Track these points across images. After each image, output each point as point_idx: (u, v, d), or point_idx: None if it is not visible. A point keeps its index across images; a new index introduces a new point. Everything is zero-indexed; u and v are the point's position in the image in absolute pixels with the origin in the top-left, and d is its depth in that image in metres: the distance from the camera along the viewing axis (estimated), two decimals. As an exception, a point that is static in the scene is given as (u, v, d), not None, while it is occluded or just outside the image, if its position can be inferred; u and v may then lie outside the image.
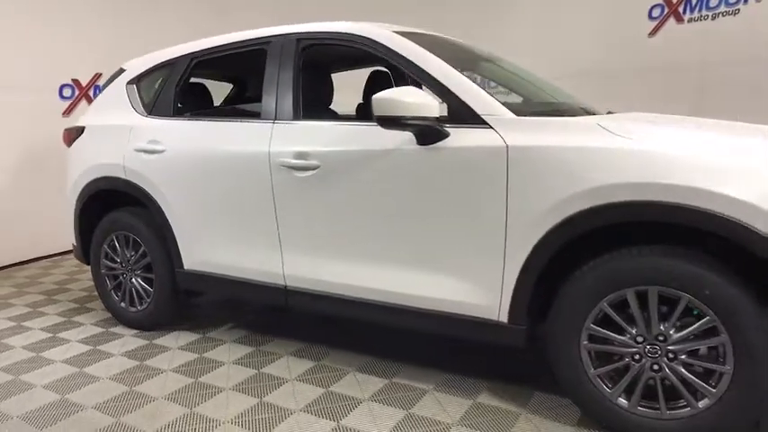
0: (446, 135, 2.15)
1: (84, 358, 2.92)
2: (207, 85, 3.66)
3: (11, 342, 3.19)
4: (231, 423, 2.22)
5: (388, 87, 2.23)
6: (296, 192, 2.53)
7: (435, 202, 2.19)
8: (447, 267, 2.22)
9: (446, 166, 2.15)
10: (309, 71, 2.71)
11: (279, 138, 2.59)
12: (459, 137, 2.13)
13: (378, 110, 2.08)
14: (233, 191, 2.74)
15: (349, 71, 3.77)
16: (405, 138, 2.22)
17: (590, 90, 5.65)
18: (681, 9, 5.57)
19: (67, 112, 5.42)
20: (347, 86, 3.52)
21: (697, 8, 5.49)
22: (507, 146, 2.02)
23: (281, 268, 2.65)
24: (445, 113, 2.15)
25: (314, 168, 2.45)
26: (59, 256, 5.40)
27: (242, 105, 3.54)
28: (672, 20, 5.64)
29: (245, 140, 2.69)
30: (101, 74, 5.49)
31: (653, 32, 5.75)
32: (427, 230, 2.23)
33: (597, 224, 1.87)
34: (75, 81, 5.52)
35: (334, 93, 3.12)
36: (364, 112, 3.14)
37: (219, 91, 4.03)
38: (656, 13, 5.73)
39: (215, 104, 3.69)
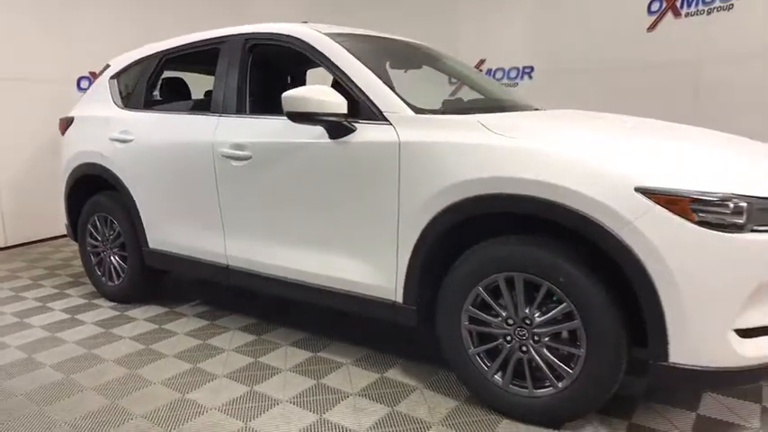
0: (353, 130, 2.34)
1: (60, 325, 3.27)
2: (196, 79, 3.95)
3: (3, 309, 3.58)
4: (161, 384, 2.50)
5: None
6: (233, 179, 2.77)
7: (343, 192, 2.39)
8: (354, 251, 2.42)
9: (351, 159, 2.34)
10: (255, 69, 2.94)
11: (222, 130, 2.84)
12: (364, 132, 2.32)
13: (286, 106, 2.30)
14: (185, 177, 3.01)
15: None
16: (320, 132, 2.42)
17: (591, 85, 5.70)
18: (678, 3, 5.50)
19: (83, 103, 5.85)
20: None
21: (694, 2, 5.41)
22: (400, 141, 2.20)
23: (223, 249, 2.91)
24: (354, 110, 2.34)
25: (247, 159, 2.69)
26: (73, 236, 5.85)
27: (200, 99, 3.78)
28: (670, 14, 5.57)
29: (195, 132, 2.95)
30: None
31: (652, 27, 5.70)
32: (337, 217, 2.44)
33: (463, 216, 2.03)
34: (93, 74, 5.92)
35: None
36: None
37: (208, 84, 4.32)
38: (654, 7, 5.67)
39: (193, 97, 3.96)
